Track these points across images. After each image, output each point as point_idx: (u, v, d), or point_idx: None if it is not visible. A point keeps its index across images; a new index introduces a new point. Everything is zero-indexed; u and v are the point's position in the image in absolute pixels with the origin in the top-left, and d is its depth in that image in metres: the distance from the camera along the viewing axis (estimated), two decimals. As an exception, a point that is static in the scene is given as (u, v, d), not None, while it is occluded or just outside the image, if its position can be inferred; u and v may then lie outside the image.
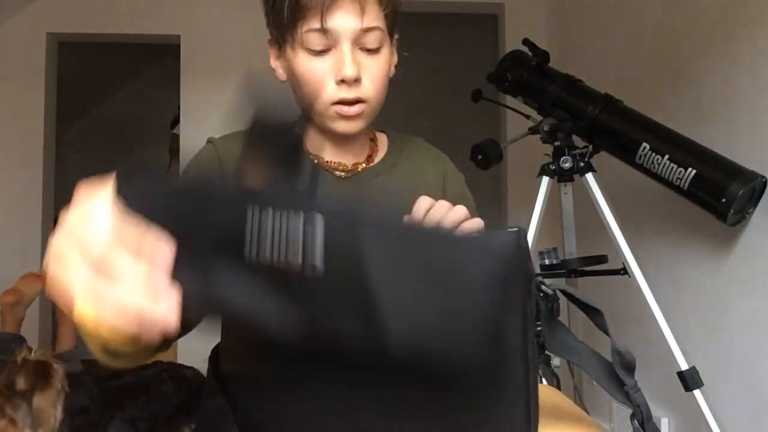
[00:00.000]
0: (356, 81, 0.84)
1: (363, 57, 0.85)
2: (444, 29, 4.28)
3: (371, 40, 0.84)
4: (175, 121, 3.60)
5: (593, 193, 1.92)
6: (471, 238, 0.49)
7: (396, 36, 0.92)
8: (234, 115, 0.48)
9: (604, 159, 2.02)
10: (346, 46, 0.83)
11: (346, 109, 0.86)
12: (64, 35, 3.35)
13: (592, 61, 2.68)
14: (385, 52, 0.87)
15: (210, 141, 0.92)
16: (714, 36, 1.95)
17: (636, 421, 0.57)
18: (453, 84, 4.00)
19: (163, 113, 4.20)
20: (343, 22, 0.82)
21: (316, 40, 0.83)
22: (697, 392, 1.74)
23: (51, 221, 3.32)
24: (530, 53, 2.13)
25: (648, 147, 1.85)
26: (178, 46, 3.28)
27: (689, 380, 1.74)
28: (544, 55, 2.11)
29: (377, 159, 0.97)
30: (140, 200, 0.44)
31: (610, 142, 1.97)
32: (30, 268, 3.15)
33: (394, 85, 0.92)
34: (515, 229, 0.49)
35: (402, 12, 0.89)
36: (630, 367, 0.58)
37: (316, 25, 0.81)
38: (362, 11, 0.82)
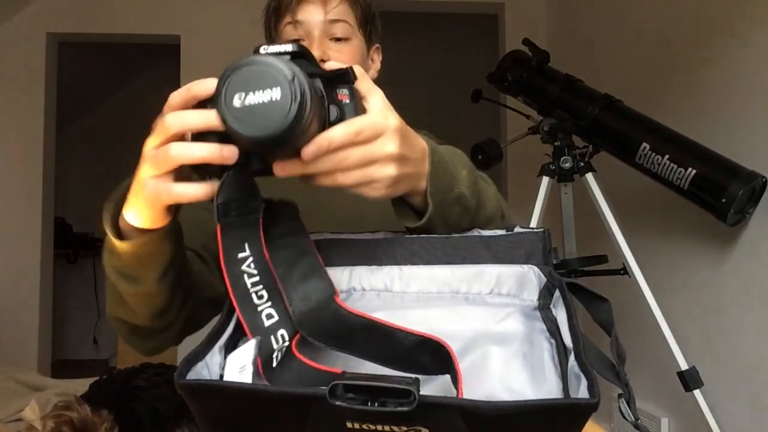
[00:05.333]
0: (322, 61, 0.86)
1: (332, 44, 0.94)
2: (444, 29, 4.27)
3: (338, 30, 0.94)
4: (175, 121, 3.60)
5: (593, 193, 1.92)
6: (549, 404, 0.54)
7: (376, 45, 1.01)
8: None
9: (604, 159, 2.02)
10: (315, 34, 0.94)
11: None
12: (64, 35, 3.35)
13: (592, 61, 2.68)
14: (356, 43, 0.96)
15: None
16: (714, 36, 1.95)
17: (623, 400, 0.58)
18: (453, 84, 4.00)
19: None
20: (310, 14, 0.94)
21: (290, 32, 0.95)
22: (697, 392, 1.74)
23: (51, 221, 3.33)
24: (530, 53, 2.13)
25: (648, 147, 1.85)
26: (178, 46, 3.28)
27: (689, 380, 1.74)
28: (544, 55, 2.11)
29: None
30: None
31: (610, 142, 1.97)
32: (29, 268, 3.17)
33: (394, 84, 0.92)
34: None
35: (403, 12, 0.89)
36: (621, 356, 0.61)
37: (289, 18, 0.94)
38: (326, 4, 0.95)
